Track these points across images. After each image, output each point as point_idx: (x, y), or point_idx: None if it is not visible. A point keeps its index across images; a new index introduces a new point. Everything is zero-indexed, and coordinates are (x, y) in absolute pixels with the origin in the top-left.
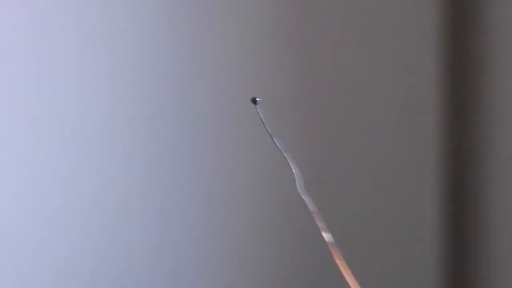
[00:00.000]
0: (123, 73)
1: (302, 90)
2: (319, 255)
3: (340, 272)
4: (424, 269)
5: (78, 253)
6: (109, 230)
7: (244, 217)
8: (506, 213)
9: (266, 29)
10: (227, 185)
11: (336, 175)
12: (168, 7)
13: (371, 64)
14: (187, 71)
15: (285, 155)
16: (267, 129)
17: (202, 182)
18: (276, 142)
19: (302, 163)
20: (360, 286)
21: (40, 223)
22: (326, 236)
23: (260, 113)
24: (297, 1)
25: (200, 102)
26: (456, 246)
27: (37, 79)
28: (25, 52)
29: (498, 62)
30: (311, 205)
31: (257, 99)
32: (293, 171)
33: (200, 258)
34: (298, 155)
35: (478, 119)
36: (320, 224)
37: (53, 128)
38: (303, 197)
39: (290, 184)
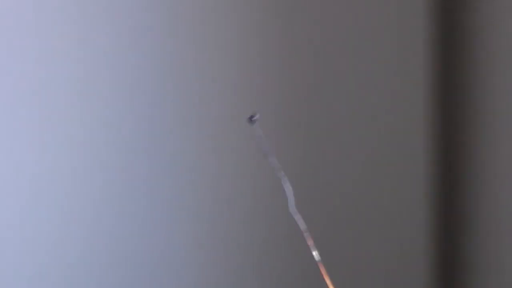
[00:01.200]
0: (123, 73)
1: (293, 98)
2: (308, 272)
3: None
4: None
5: (77, 253)
6: (108, 231)
7: (234, 233)
8: (497, 212)
9: (257, 31)
10: (217, 200)
11: (327, 191)
12: (166, 8)
13: (361, 68)
14: (185, 73)
15: (279, 175)
16: (262, 149)
17: (193, 197)
18: (271, 162)
19: (293, 179)
20: None
21: (38, 223)
22: (315, 254)
23: (256, 131)
24: (288, 4)
25: (197, 113)
26: (450, 261)
27: (32, 79)
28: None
29: (490, 61)
30: (301, 224)
31: (255, 117)
32: (286, 190)
33: (192, 272)
34: (289, 168)
35: (468, 120)
36: (309, 242)
37: (52, 128)
38: (294, 216)
39: (282, 202)
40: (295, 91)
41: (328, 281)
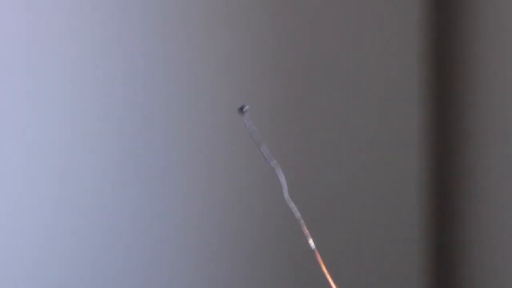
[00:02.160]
0: (119, 74)
1: (285, 95)
2: (303, 260)
3: (323, 277)
4: (408, 276)
5: (70, 253)
6: (106, 231)
7: (230, 223)
8: (492, 211)
9: (247, 32)
10: (213, 191)
11: (321, 181)
12: (163, 9)
13: (355, 66)
14: (179, 73)
15: (272, 164)
16: (254, 139)
17: (190, 188)
18: (263, 151)
19: (287, 169)
20: None
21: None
22: (310, 243)
23: (247, 122)
24: (282, 3)
25: (190, 109)
26: (440, 253)
27: (24, 79)
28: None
29: (482, 61)
30: (296, 213)
31: (245, 108)
32: (280, 179)
33: (187, 263)
34: (282, 161)
35: (463, 118)
36: (305, 231)
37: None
38: (289, 205)
39: (276, 192)
40: (288, 86)
41: (324, 269)
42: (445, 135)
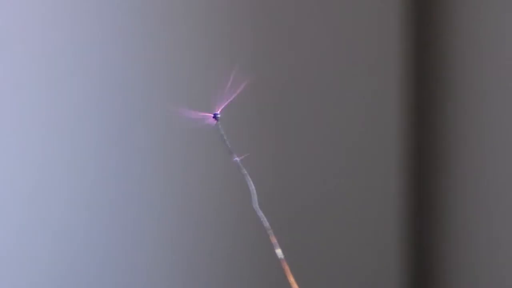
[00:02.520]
0: (118, 73)
1: (257, 98)
2: (272, 271)
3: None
4: (387, 280)
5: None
6: (105, 231)
7: (196, 231)
8: (468, 211)
9: (230, 31)
10: (180, 199)
11: (292, 187)
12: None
13: (331, 66)
14: (179, 73)
15: (243, 172)
16: (227, 145)
17: (157, 193)
18: (236, 159)
19: (257, 176)
20: None
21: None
22: (278, 252)
23: (221, 129)
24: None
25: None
26: (418, 256)
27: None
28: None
29: (461, 60)
30: (265, 222)
31: (218, 114)
32: (250, 187)
33: (153, 271)
34: (252, 168)
35: (440, 119)
36: (273, 240)
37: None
38: (258, 213)
39: (245, 200)
40: (260, 89)
41: (291, 280)
42: (427, 136)
